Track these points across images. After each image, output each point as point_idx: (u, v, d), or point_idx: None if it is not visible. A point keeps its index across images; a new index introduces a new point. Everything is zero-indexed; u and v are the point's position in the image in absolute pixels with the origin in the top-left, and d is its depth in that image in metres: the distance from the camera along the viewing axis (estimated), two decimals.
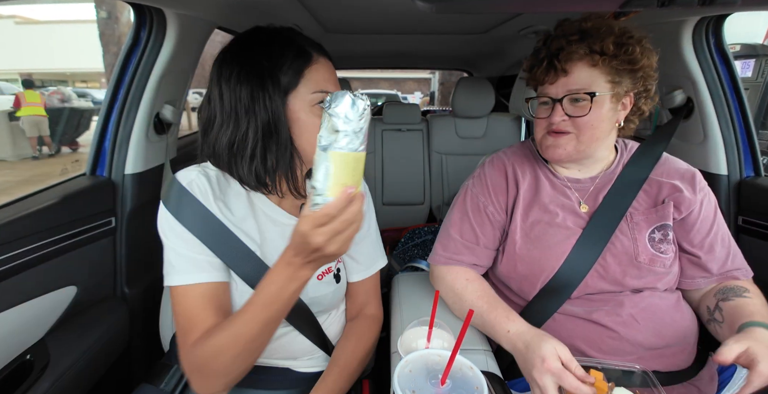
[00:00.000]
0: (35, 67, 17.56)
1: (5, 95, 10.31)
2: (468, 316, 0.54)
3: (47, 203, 0.91)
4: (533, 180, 0.89)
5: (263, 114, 0.66)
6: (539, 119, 0.84)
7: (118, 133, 1.09)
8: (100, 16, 7.66)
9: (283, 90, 0.67)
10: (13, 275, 0.82)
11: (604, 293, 0.80)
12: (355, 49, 2.27)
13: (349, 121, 0.48)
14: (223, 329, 0.61)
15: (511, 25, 1.54)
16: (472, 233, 0.89)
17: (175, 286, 0.67)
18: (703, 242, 0.82)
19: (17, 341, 0.85)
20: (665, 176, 0.84)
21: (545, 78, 0.80)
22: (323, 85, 0.70)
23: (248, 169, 0.68)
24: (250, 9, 1.14)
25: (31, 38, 17.09)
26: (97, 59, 17.83)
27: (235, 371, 0.64)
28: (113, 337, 1.06)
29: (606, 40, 0.74)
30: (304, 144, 0.71)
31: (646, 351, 0.77)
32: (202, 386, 0.65)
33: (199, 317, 0.65)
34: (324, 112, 0.49)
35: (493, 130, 2.30)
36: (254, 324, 0.60)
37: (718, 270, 0.82)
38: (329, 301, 0.81)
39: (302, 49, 0.69)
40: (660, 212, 0.81)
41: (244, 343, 0.61)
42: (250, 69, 0.67)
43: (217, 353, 0.61)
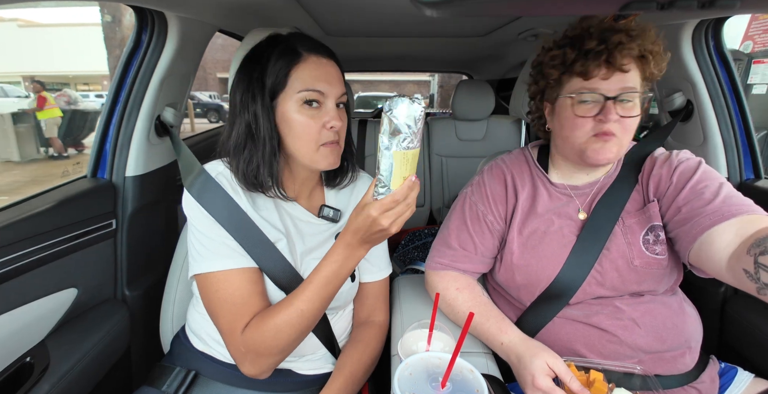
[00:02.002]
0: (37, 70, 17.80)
1: (10, 98, 10.72)
2: (468, 319, 0.54)
3: (48, 205, 0.91)
4: (531, 189, 0.89)
5: (247, 116, 0.70)
6: (583, 118, 0.75)
7: (119, 135, 1.09)
8: (105, 20, 7.84)
9: (269, 92, 0.70)
10: (14, 277, 0.82)
11: (603, 298, 0.80)
12: (355, 52, 2.28)
13: (409, 124, 0.55)
14: (280, 309, 0.67)
15: (510, 28, 1.54)
16: (470, 241, 0.89)
17: (215, 272, 0.69)
18: (680, 193, 0.75)
19: (17, 343, 0.85)
20: (648, 172, 0.83)
21: (597, 72, 0.73)
22: (311, 83, 0.70)
23: (237, 167, 0.73)
24: (250, 12, 1.15)
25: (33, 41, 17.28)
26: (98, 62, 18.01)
27: (289, 348, 0.69)
28: (113, 339, 1.05)
29: (656, 41, 0.74)
30: (292, 144, 0.73)
31: (647, 355, 0.77)
32: (254, 366, 0.69)
33: (248, 303, 0.68)
34: (384, 115, 0.55)
35: (493, 133, 2.30)
36: (315, 301, 0.67)
37: (717, 207, 0.68)
38: (343, 298, 0.82)
39: (290, 49, 0.70)
40: (648, 212, 0.80)
41: (304, 319, 0.67)
42: (243, 73, 0.71)
43: (278, 332, 0.66)
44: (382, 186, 0.60)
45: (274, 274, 0.73)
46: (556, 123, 0.83)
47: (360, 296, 0.90)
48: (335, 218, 0.84)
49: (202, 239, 0.71)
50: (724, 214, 0.66)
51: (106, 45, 8.04)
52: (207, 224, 0.71)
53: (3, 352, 0.82)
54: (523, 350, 0.71)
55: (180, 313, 0.97)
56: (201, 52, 1.20)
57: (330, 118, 0.72)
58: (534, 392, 0.65)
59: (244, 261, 0.70)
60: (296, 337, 0.69)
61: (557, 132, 0.84)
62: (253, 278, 0.71)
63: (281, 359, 0.71)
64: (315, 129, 0.71)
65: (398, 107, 0.54)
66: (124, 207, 1.11)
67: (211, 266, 0.69)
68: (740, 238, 0.61)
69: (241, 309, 0.68)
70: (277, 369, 0.80)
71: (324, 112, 0.72)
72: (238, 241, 0.71)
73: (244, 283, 0.69)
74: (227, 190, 0.72)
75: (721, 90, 1.09)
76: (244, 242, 0.71)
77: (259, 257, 0.72)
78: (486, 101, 2.16)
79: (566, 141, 0.80)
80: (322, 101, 0.72)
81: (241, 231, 0.71)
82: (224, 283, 0.68)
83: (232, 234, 0.70)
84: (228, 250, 0.70)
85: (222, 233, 0.70)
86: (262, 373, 0.71)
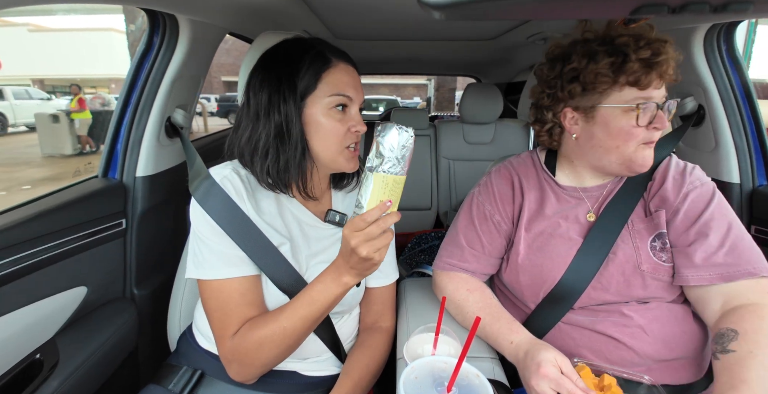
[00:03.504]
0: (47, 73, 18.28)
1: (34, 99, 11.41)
2: (475, 323, 0.54)
3: (60, 204, 0.93)
4: (538, 192, 0.88)
5: (277, 117, 0.70)
6: (638, 128, 0.73)
7: (130, 136, 1.10)
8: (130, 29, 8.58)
9: (299, 94, 0.71)
10: (25, 274, 0.84)
11: (610, 304, 0.79)
12: (363, 55, 2.29)
13: (393, 150, 0.57)
14: (267, 322, 0.67)
15: (519, 31, 1.54)
16: (477, 241, 0.89)
17: (208, 280, 0.70)
18: (689, 230, 0.76)
19: (28, 339, 0.87)
20: (657, 179, 0.82)
21: (653, 82, 0.72)
22: (341, 88, 0.72)
23: (261, 167, 0.73)
24: (260, 15, 1.16)
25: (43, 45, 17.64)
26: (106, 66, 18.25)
27: (274, 361, 0.70)
28: (122, 337, 1.07)
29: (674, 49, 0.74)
30: (318, 145, 0.74)
31: (655, 363, 0.76)
32: (240, 373, 0.71)
33: (234, 312, 0.69)
34: (374, 138, 0.57)
35: (501, 137, 2.29)
36: (297, 320, 0.67)
37: (704, 260, 0.72)
38: (347, 303, 0.82)
39: (321, 54, 0.72)
40: (655, 220, 0.79)
41: (286, 337, 0.67)
42: (271, 75, 0.71)
43: (260, 345, 0.67)
44: (357, 206, 0.60)
45: (277, 278, 0.74)
46: (598, 131, 0.78)
47: (367, 302, 0.90)
48: (341, 223, 0.83)
49: (201, 246, 0.72)
50: (722, 275, 0.71)
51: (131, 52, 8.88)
52: (207, 231, 0.71)
53: (14, 348, 0.83)
54: (531, 346, 0.70)
55: (187, 312, 0.98)
56: (211, 55, 1.22)
57: (355, 122, 0.75)
58: (540, 381, 0.62)
59: (237, 271, 0.70)
60: (279, 353, 0.69)
61: (596, 143, 0.79)
62: (245, 287, 0.71)
63: (265, 371, 0.72)
64: (341, 132, 0.73)
65: (388, 134, 0.56)
66: (134, 207, 1.12)
67: (204, 274, 0.70)
68: (722, 311, 0.70)
69: (230, 317, 0.69)
70: (281, 370, 0.80)
71: (349, 117, 0.75)
72: (241, 245, 0.71)
73: (234, 293, 0.70)
74: (231, 195, 0.72)
75: (734, 94, 1.08)
76: (246, 246, 0.71)
77: (262, 261, 0.72)
78: (494, 105, 2.16)
79: (611, 151, 0.77)
80: (349, 106, 0.75)
81: (244, 235, 0.71)
82: (216, 291, 0.70)
83: (234, 239, 0.71)
84: (223, 259, 0.70)
85: (220, 241, 0.71)
86: (247, 380, 0.73)
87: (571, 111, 0.81)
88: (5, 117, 10.72)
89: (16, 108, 10.93)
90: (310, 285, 0.68)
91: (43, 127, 8.07)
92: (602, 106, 0.76)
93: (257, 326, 0.68)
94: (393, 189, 0.59)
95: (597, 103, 0.77)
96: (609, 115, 0.76)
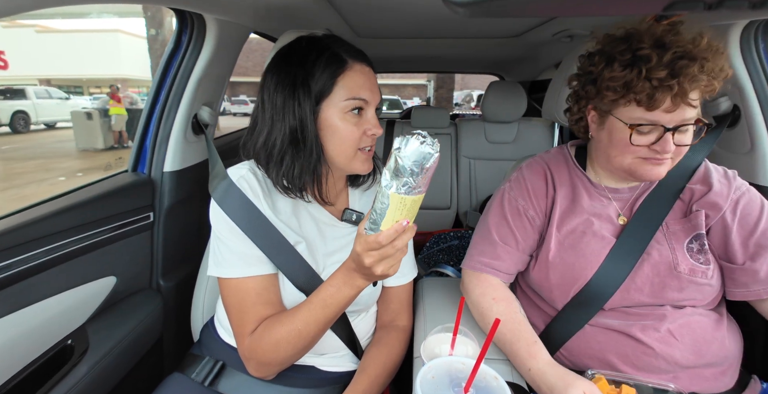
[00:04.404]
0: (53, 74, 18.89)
1: (53, 98, 12.12)
2: (494, 325, 0.53)
3: (92, 197, 0.97)
4: (570, 188, 0.86)
5: (291, 121, 0.69)
6: (637, 147, 0.73)
7: (158, 132, 1.14)
8: (150, 34, 9.16)
9: (314, 97, 0.69)
10: (58, 264, 0.88)
11: (644, 307, 0.77)
12: (385, 54, 2.29)
13: (412, 169, 0.51)
14: (282, 324, 0.68)
15: (544, 28, 1.51)
16: (511, 236, 0.86)
17: (227, 278, 0.72)
18: (747, 241, 0.74)
19: (60, 326, 0.91)
20: (699, 182, 0.80)
21: (662, 104, 0.68)
22: (357, 92, 0.71)
23: (277, 174, 0.72)
24: (283, 14, 1.18)
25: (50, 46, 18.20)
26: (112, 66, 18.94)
27: (291, 359, 0.71)
28: (148, 326, 1.10)
29: (723, 63, 0.69)
30: (333, 150, 0.73)
31: (683, 370, 0.73)
32: (259, 371, 0.72)
33: (251, 310, 0.71)
34: (393, 153, 0.52)
35: (525, 136, 2.25)
36: (311, 322, 0.67)
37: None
38: (364, 302, 0.82)
39: (336, 56, 0.70)
40: (693, 221, 0.77)
41: (301, 338, 0.68)
42: (285, 77, 0.70)
43: (277, 346, 0.68)
44: (373, 223, 0.57)
45: (294, 276, 0.74)
46: (604, 137, 0.79)
47: (384, 300, 0.90)
48: (358, 222, 0.83)
49: (220, 245, 0.73)
50: None
51: (150, 54, 9.43)
52: (225, 231, 0.73)
53: (47, 334, 0.87)
54: (555, 380, 0.67)
55: (210, 304, 1.00)
56: (236, 54, 1.24)
57: (371, 126, 0.73)
58: None
59: (254, 270, 0.72)
60: (295, 352, 0.70)
61: (603, 146, 0.80)
62: (262, 287, 0.72)
63: (283, 368, 0.74)
64: (357, 136, 0.72)
65: (407, 147, 0.50)
66: (161, 201, 1.16)
67: (222, 272, 0.72)
68: None
69: (247, 315, 0.71)
70: (300, 365, 0.81)
71: (365, 120, 0.73)
72: (258, 244, 0.72)
73: (251, 292, 0.71)
74: (248, 195, 0.73)
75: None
76: (263, 245, 0.72)
77: (278, 260, 0.73)
78: (517, 103, 2.12)
79: (611, 159, 0.78)
80: (365, 108, 0.73)
81: (261, 235, 0.72)
82: (233, 289, 0.72)
83: (252, 238, 0.72)
84: (241, 258, 0.72)
85: (237, 240, 0.72)
86: (266, 376, 0.75)
87: (591, 109, 0.81)
88: (28, 115, 11.36)
89: (37, 107, 11.59)
90: (323, 287, 0.68)
91: (79, 123, 8.79)
92: (613, 115, 0.75)
93: (273, 327, 0.69)
94: (411, 208, 0.55)
95: (611, 110, 0.76)
96: (614, 125, 0.75)
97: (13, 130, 11.02)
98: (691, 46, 0.67)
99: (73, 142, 9.05)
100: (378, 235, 0.56)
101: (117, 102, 9.05)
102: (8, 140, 10.28)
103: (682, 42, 0.68)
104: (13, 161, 8.24)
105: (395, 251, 0.58)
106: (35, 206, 0.89)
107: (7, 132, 10.92)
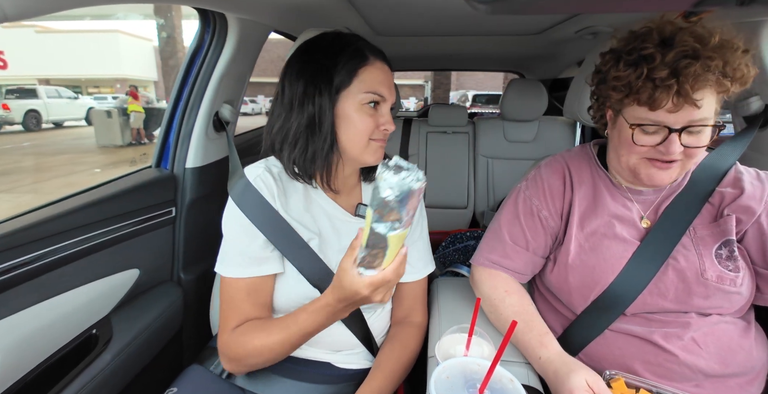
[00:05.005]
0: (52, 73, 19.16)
1: (63, 98, 12.70)
2: (511, 327, 0.53)
3: (117, 192, 1.00)
4: (591, 188, 0.84)
5: (311, 108, 0.72)
6: (641, 147, 0.72)
7: (181, 129, 1.17)
8: (162, 36, 9.62)
9: (334, 88, 0.72)
10: (86, 255, 0.91)
11: (667, 313, 0.75)
12: (403, 52, 2.28)
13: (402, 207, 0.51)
14: (258, 338, 0.70)
15: (567, 25, 1.47)
16: (522, 236, 0.85)
17: (223, 276, 0.74)
18: None
19: (86, 316, 0.94)
20: (730, 185, 0.77)
21: (664, 104, 0.67)
22: (375, 86, 0.73)
23: (288, 155, 0.75)
24: (303, 13, 1.18)
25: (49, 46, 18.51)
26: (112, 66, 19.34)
27: (261, 366, 0.75)
28: (169, 318, 1.13)
29: (740, 62, 0.66)
30: (346, 139, 0.75)
31: (707, 379, 0.71)
32: (229, 366, 0.76)
33: (239, 307, 0.74)
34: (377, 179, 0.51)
35: (545, 135, 2.21)
36: (288, 344, 0.70)
37: None
38: None
39: (359, 51, 0.73)
40: (722, 226, 0.74)
41: (273, 353, 0.71)
42: (308, 67, 0.73)
43: (248, 354, 0.71)
44: (368, 264, 0.57)
45: (308, 272, 0.76)
46: (614, 136, 0.79)
47: (397, 297, 0.91)
48: None
49: (224, 243, 0.77)
50: None
51: (162, 56, 9.86)
52: (234, 229, 0.76)
53: (73, 323, 0.91)
54: (559, 364, 0.68)
55: None
56: (257, 52, 1.26)
57: (385, 121, 0.76)
58: None
59: (247, 271, 0.74)
60: (266, 362, 0.74)
61: (614, 145, 0.80)
62: (252, 288, 0.75)
63: (254, 369, 0.78)
64: (371, 127, 0.74)
65: (386, 183, 0.49)
66: (183, 196, 1.19)
67: (220, 269, 0.75)
68: None
69: (233, 311, 0.74)
70: (316, 361, 0.82)
71: (380, 115, 0.76)
72: (273, 242, 0.74)
73: (241, 291, 0.74)
74: (264, 194, 0.76)
75: None
76: (278, 242, 0.75)
77: (292, 256, 0.75)
78: (538, 102, 2.08)
79: (620, 158, 0.78)
80: (381, 104, 0.76)
81: (276, 233, 0.75)
82: (226, 286, 0.75)
83: (267, 236, 0.74)
84: (237, 259, 0.74)
85: (244, 240, 0.74)
86: (236, 373, 0.81)
87: (608, 108, 0.81)
88: (40, 114, 11.83)
89: (48, 106, 12.07)
90: (301, 319, 0.69)
91: (99, 121, 9.33)
92: (620, 115, 0.75)
93: (250, 335, 0.72)
94: (404, 236, 0.56)
95: (619, 108, 0.76)
96: (622, 124, 0.75)
97: (25, 128, 11.49)
98: (698, 44, 0.65)
99: (88, 139, 9.55)
100: (385, 274, 0.59)
101: (135, 99, 9.53)
102: (27, 138, 10.78)
103: (688, 41, 0.66)
104: (44, 156, 8.72)
105: (396, 278, 0.61)
106: (64, 200, 0.93)
107: (20, 130, 11.41)
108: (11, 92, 11.75)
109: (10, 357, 0.74)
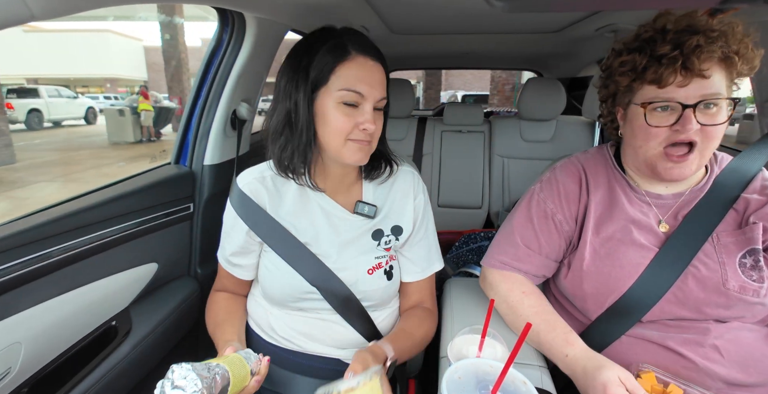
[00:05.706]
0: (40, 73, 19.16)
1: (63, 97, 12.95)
2: (525, 329, 0.52)
3: (137, 188, 1.02)
4: (607, 192, 0.82)
5: (288, 104, 0.72)
6: (656, 128, 0.70)
7: (199, 127, 1.19)
8: (165, 38, 9.87)
9: (311, 84, 0.71)
10: (106, 249, 0.93)
11: (684, 320, 0.72)
12: (420, 50, 2.27)
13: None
14: (212, 310, 0.90)
15: (587, 23, 1.45)
16: (534, 240, 0.84)
17: None
18: None
19: (106, 308, 0.97)
20: (756, 192, 0.74)
21: (672, 79, 0.67)
22: (352, 84, 0.70)
23: (272, 151, 0.76)
24: (319, 11, 1.19)
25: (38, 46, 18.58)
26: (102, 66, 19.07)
27: None
28: (186, 311, 1.16)
29: (744, 39, 0.67)
30: (323, 137, 0.74)
31: (728, 387, 0.69)
32: None
33: (221, 278, 0.92)
34: None
35: (562, 135, 2.17)
36: None
37: None
38: (380, 296, 0.83)
39: (340, 46, 0.70)
40: (748, 233, 0.71)
41: None
42: (291, 63, 0.73)
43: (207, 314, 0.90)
44: None
45: (306, 274, 0.78)
46: (628, 130, 0.77)
47: (404, 294, 0.91)
48: (370, 214, 0.83)
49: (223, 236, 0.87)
50: None
51: (165, 57, 10.16)
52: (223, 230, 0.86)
53: (93, 315, 0.93)
54: (587, 361, 0.67)
55: None
56: (274, 51, 1.27)
57: (364, 120, 0.72)
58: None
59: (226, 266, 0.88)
60: None
61: (628, 140, 0.78)
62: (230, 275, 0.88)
63: None
64: (347, 127, 0.72)
65: None
66: (201, 193, 1.21)
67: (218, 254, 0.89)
68: None
69: (218, 279, 0.94)
70: (325, 357, 0.83)
71: (360, 113, 0.72)
72: (267, 242, 0.80)
73: (223, 272, 0.89)
74: (255, 200, 0.80)
75: None
76: (276, 246, 0.79)
77: (290, 259, 0.78)
78: (556, 101, 2.05)
79: (637, 151, 0.76)
80: (360, 103, 0.72)
81: (272, 237, 0.78)
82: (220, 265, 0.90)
83: (264, 239, 0.80)
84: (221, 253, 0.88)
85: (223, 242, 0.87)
86: None
87: (619, 108, 0.80)
88: (41, 114, 12.06)
89: (49, 105, 12.31)
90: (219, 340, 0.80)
91: (111, 119, 9.81)
92: (631, 104, 0.75)
93: (212, 308, 0.90)
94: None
95: (629, 99, 0.75)
96: (633, 113, 0.75)
97: (28, 127, 11.68)
98: (696, 24, 0.68)
99: (96, 137, 10.00)
100: None
101: (145, 98, 9.85)
102: (34, 136, 11.00)
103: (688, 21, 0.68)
104: (65, 151, 9.11)
105: None
106: (86, 195, 0.95)
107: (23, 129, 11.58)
108: (13, 92, 12.02)
109: (33, 347, 0.77)
